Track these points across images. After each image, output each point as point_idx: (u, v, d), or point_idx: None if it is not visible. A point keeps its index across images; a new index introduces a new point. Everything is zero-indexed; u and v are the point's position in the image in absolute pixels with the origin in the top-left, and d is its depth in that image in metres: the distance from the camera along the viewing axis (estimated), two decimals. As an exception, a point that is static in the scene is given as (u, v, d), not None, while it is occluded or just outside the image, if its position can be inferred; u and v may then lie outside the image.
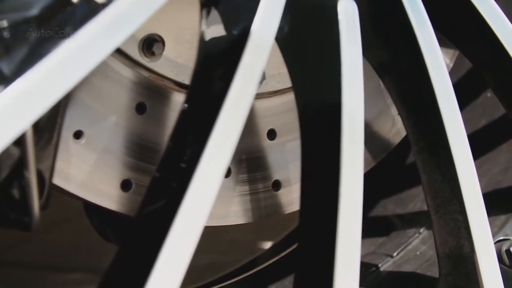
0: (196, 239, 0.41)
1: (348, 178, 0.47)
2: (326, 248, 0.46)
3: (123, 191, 0.57)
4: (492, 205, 0.76)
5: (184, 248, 0.41)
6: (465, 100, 0.90)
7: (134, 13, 0.41)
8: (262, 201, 0.65)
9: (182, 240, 0.41)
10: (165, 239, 0.40)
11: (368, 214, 0.88)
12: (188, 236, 0.41)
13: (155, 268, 0.40)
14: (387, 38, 0.56)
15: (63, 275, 0.99)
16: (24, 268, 0.97)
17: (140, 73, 0.57)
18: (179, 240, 0.41)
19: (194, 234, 0.41)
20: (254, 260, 1.01)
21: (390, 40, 0.56)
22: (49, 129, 0.46)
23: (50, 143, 0.47)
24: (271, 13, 0.46)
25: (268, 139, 0.65)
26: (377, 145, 0.75)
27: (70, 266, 0.97)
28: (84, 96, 0.54)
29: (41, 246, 0.96)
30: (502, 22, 0.60)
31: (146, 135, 0.58)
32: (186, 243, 0.41)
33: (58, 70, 0.37)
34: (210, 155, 0.42)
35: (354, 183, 0.48)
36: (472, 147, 0.56)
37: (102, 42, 0.39)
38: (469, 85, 0.89)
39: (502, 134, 0.84)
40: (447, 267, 0.58)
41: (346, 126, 0.48)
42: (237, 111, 0.44)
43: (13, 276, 0.95)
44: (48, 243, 0.96)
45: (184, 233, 0.41)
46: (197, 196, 0.41)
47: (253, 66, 0.45)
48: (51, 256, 0.98)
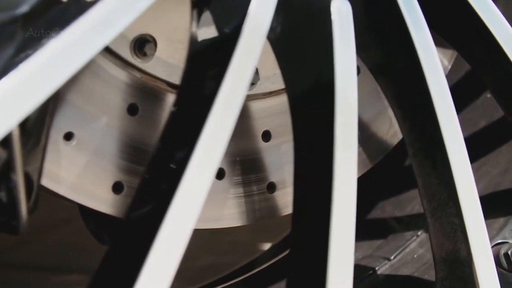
0: (184, 242, 0.41)
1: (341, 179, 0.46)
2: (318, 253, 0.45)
3: (115, 194, 0.56)
4: (491, 207, 0.75)
5: (172, 252, 0.40)
6: (464, 101, 0.89)
7: (123, 11, 0.40)
8: (257, 203, 0.64)
9: (170, 243, 0.40)
10: (153, 242, 0.40)
11: (366, 217, 0.87)
12: (176, 239, 0.40)
13: (143, 271, 0.39)
14: (382, 38, 0.55)
15: (63, 276, 0.99)
16: (24, 269, 0.97)
17: (132, 73, 0.56)
18: (167, 243, 0.40)
19: (183, 237, 0.41)
20: (253, 262, 1.01)
21: (385, 41, 0.55)
22: (37, 131, 0.46)
23: (38, 145, 0.47)
24: (262, 12, 0.45)
25: (262, 141, 0.65)
26: (375, 147, 0.74)
27: (70, 267, 0.97)
28: (75, 97, 0.53)
29: (41, 247, 0.95)
30: (500, 23, 0.59)
31: (138, 137, 0.57)
32: (174, 246, 0.40)
33: (44, 68, 0.37)
34: (199, 157, 0.42)
35: (348, 183, 0.47)
36: (471, 149, 0.55)
37: (89, 40, 0.39)
38: (468, 85, 0.88)
39: (502, 136, 0.84)
40: (444, 271, 0.58)
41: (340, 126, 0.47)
42: (227, 112, 0.43)
43: (13, 277, 0.95)
44: (48, 244, 0.95)
45: (172, 236, 0.40)
46: (185, 198, 0.41)
47: (244, 66, 0.44)
48: (51, 257, 0.98)
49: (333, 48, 0.48)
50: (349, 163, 0.47)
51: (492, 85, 0.64)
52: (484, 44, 0.59)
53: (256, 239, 1.05)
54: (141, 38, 0.56)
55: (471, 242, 0.54)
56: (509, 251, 0.68)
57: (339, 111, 0.47)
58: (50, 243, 0.96)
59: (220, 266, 1.02)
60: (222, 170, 0.62)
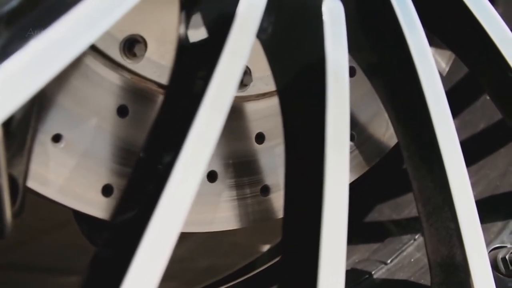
0: (170, 245, 0.40)
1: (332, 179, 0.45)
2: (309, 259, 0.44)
3: (104, 197, 0.55)
4: (489, 210, 0.74)
5: (158, 255, 0.39)
6: (464, 103, 0.89)
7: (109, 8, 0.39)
8: (250, 206, 0.63)
9: (156, 247, 0.40)
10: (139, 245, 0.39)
11: (363, 219, 0.86)
12: (162, 243, 0.40)
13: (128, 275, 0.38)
14: (376, 39, 0.55)
15: (62, 277, 0.99)
16: (23, 270, 0.97)
17: (121, 74, 0.56)
18: (152, 246, 0.39)
19: (168, 240, 0.40)
20: (253, 263, 1.01)
21: (379, 41, 0.54)
22: (21, 132, 0.45)
23: (24, 147, 0.46)
24: (251, 12, 0.44)
25: (256, 143, 0.64)
26: (372, 149, 0.73)
27: (69, 268, 0.97)
28: (63, 99, 0.52)
29: (40, 248, 0.95)
30: (497, 24, 0.58)
31: (128, 139, 0.56)
32: (160, 249, 0.40)
33: (26, 68, 0.36)
34: (186, 158, 0.41)
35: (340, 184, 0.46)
36: (470, 151, 0.54)
37: (74, 38, 0.38)
38: (467, 87, 0.87)
39: (501, 138, 0.83)
40: (439, 276, 0.57)
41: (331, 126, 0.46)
42: (215, 112, 0.42)
43: (12, 278, 0.95)
44: (47, 245, 0.95)
45: (158, 240, 0.40)
46: (172, 200, 0.40)
47: (232, 66, 0.43)
48: (51, 258, 0.98)
49: (324, 49, 0.47)
50: (341, 163, 0.46)
51: (489, 86, 0.63)
52: (481, 45, 0.58)
53: (255, 240, 1.04)
54: (130, 39, 0.55)
55: (467, 247, 0.53)
56: (507, 256, 0.67)
57: (330, 111, 0.46)
58: (49, 244, 0.95)
59: (219, 268, 1.02)
60: (215, 172, 0.61)
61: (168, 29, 0.56)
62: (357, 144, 0.71)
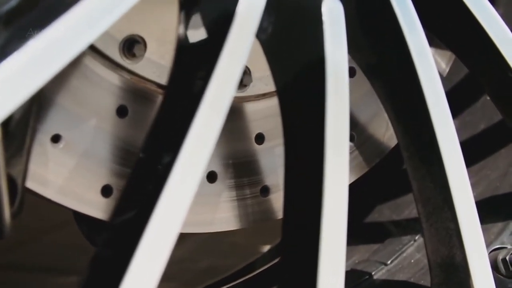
0: (169, 246, 0.40)
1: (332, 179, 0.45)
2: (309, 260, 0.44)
3: (104, 197, 0.55)
4: (489, 211, 0.74)
5: (157, 255, 0.39)
6: (464, 104, 0.88)
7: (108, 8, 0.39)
8: (250, 207, 0.63)
9: (154, 247, 0.39)
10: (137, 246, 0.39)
11: (363, 220, 0.86)
12: (161, 244, 0.40)
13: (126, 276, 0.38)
14: (375, 39, 0.54)
15: (62, 277, 0.99)
16: (23, 270, 0.97)
17: (121, 75, 0.56)
18: (151, 246, 0.39)
19: (167, 241, 0.40)
20: (253, 264, 1.01)
21: (378, 41, 0.54)
22: (20, 133, 0.45)
23: (22, 148, 0.46)
24: (250, 12, 0.44)
25: (256, 144, 0.64)
26: (372, 149, 0.73)
27: (69, 268, 0.97)
28: (62, 99, 0.52)
29: (40, 248, 0.95)
30: (497, 24, 0.58)
31: (128, 139, 0.56)
32: (159, 250, 0.40)
33: (25, 68, 0.36)
34: (185, 158, 0.41)
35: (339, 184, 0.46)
36: (470, 152, 0.54)
37: (73, 38, 0.38)
38: (468, 88, 0.87)
39: (501, 139, 0.83)
40: (439, 277, 0.57)
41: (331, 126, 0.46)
42: (214, 112, 0.42)
43: (12, 278, 0.95)
44: (47, 245, 0.95)
45: (156, 240, 0.39)
46: (171, 201, 0.40)
47: (232, 66, 0.43)
48: (50, 258, 0.97)
49: (324, 49, 0.47)
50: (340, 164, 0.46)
51: (489, 87, 0.63)
52: (481, 45, 0.58)
53: (255, 241, 1.04)
54: (130, 39, 0.55)
55: (467, 248, 0.53)
56: (507, 257, 0.67)
57: (330, 112, 0.46)
58: (49, 244, 0.95)
59: (219, 269, 1.02)
60: (214, 173, 0.61)
61: (168, 29, 0.56)
62: (357, 144, 0.71)
